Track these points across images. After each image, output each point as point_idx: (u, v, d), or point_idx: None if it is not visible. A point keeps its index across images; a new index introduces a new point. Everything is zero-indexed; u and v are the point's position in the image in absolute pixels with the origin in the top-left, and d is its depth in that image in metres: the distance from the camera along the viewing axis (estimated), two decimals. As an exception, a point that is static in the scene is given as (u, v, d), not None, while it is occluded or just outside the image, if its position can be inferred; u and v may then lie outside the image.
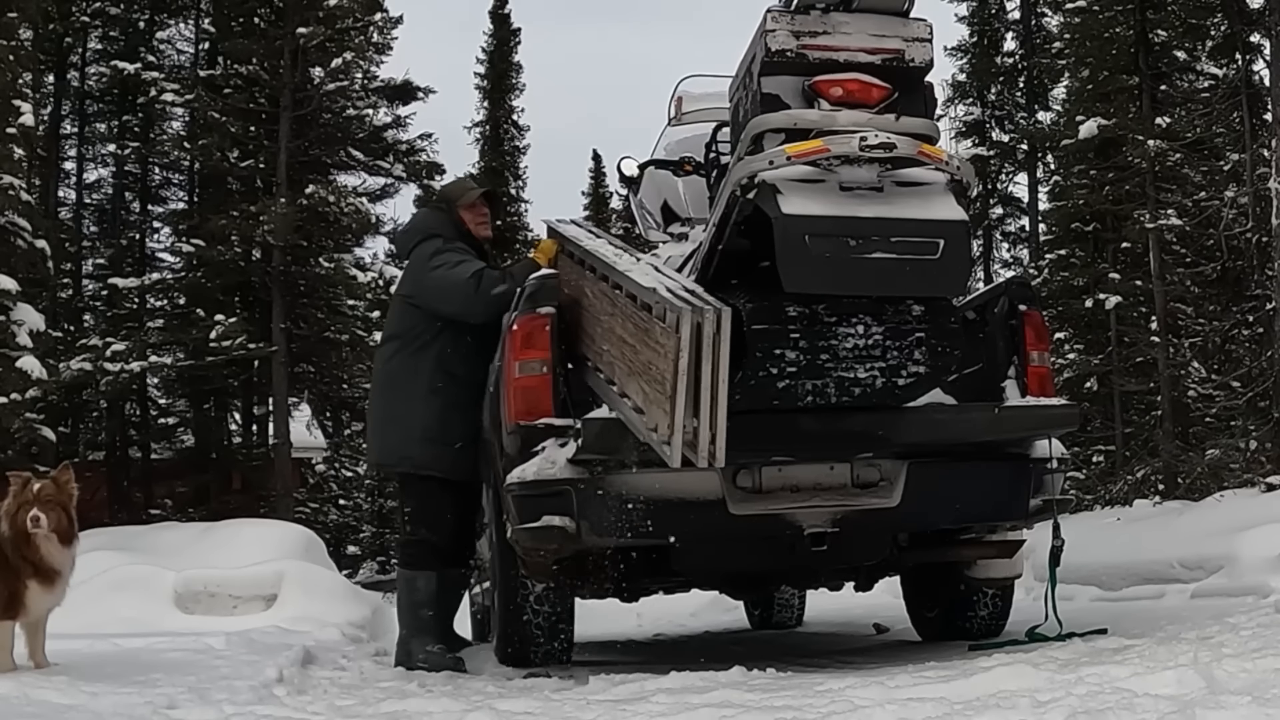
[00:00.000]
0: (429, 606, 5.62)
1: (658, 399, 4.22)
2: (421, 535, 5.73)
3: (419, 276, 5.64)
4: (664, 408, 4.16)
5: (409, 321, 5.72)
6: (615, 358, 4.61)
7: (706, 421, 4.15)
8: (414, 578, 5.69)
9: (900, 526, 5.17)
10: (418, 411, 5.58)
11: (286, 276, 16.98)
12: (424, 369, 5.57)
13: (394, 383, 5.71)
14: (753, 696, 3.62)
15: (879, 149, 4.33)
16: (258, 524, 10.58)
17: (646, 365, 4.32)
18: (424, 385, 5.56)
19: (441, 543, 5.64)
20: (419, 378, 5.57)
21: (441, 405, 5.54)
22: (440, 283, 5.50)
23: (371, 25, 18.19)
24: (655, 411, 4.26)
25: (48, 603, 4.26)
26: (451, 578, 5.79)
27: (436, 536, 5.64)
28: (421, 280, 5.62)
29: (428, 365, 5.57)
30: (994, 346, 5.17)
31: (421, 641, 5.56)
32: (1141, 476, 14.97)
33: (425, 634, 5.57)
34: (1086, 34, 17.16)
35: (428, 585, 5.62)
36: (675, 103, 6.99)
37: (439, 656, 5.47)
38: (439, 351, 5.59)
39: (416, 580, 5.66)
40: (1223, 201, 13.94)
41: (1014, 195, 22.27)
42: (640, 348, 4.38)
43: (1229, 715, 2.72)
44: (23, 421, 12.19)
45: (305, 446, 20.19)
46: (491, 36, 29.80)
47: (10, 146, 12.80)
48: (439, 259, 5.54)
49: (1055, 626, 4.86)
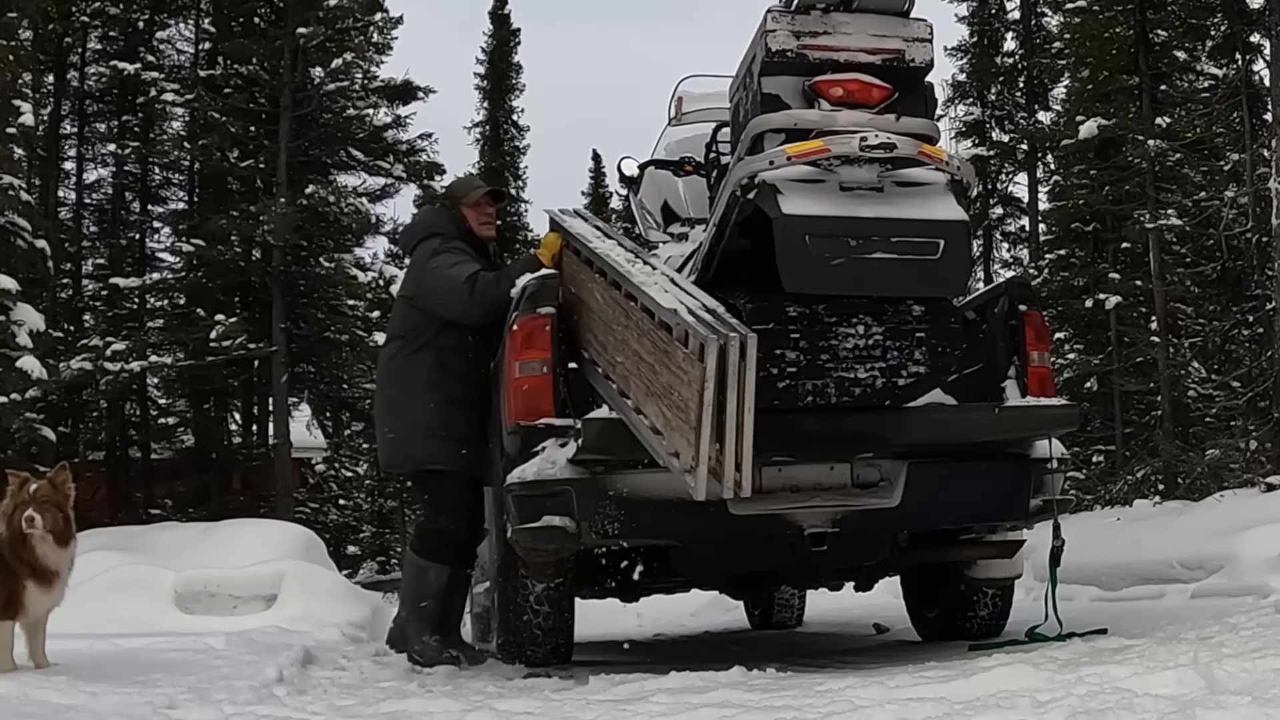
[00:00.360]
0: (433, 600, 5.54)
1: (680, 426, 4.15)
2: (441, 525, 5.62)
3: (419, 277, 5.62)
4: (687, 437, 4.10)
5: (411, 321, 5.68)
6: (630, 372, 4.55)
7: (732, 451, 4.06)
8: (426, 568, 5.58)
9: (900, 526, 5.17)
10: (418, 409, 5.52)
11: (286, 276, 16.98)
12: (423, 367, 5.52)
13: (395, 382, 5.68)
14: (753, 696, 3.62)
15: (879, 149, 4.34)
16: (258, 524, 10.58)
17: (667, 388, 4.25)
18: (423, 382, 5.50)
19: (459, 535, 5.57)
20: (419, 376, 5.52)
21: (443, 402, 5.48)
22: (437, 284, 5.47)
23: (371, 25, 18.18)
24: (677, 439, 4.19)
25: (46, 603, 4.27)
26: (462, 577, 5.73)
27: (455, 527, 5.55)
28: (420, 281, 5.60)
29: (427, 363, 5.53)
30: (994, 346, 5.17)
31: (419, 629, 5.49)
32: (1141, 476, 14.96)
33: (423, 623, 5.50)
34: (1086, 34, 17.16)
35: (438, 578, 5.54)
36: (675, 103, 7.00)
37: (435, 651, 5.40)
38: (439, 349, 5.54)
39: (428, 571, 5.56)
40: (1223, 201, 13.94)
41: (1014, 195, 22.30)
42: (660, 369, 4.31)
43: (1229, 715, 2.72)
44: (23, 421, 12.19)
45: (305, 446, 20.19)
46: (491, 36, 29.81)
47: (10, 146, 12.80)
48: (435, 260, 5.50)
49: (1055, 626, 4.86)
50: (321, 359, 18.51)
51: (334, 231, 17.50)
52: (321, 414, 19.75)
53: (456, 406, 5.47)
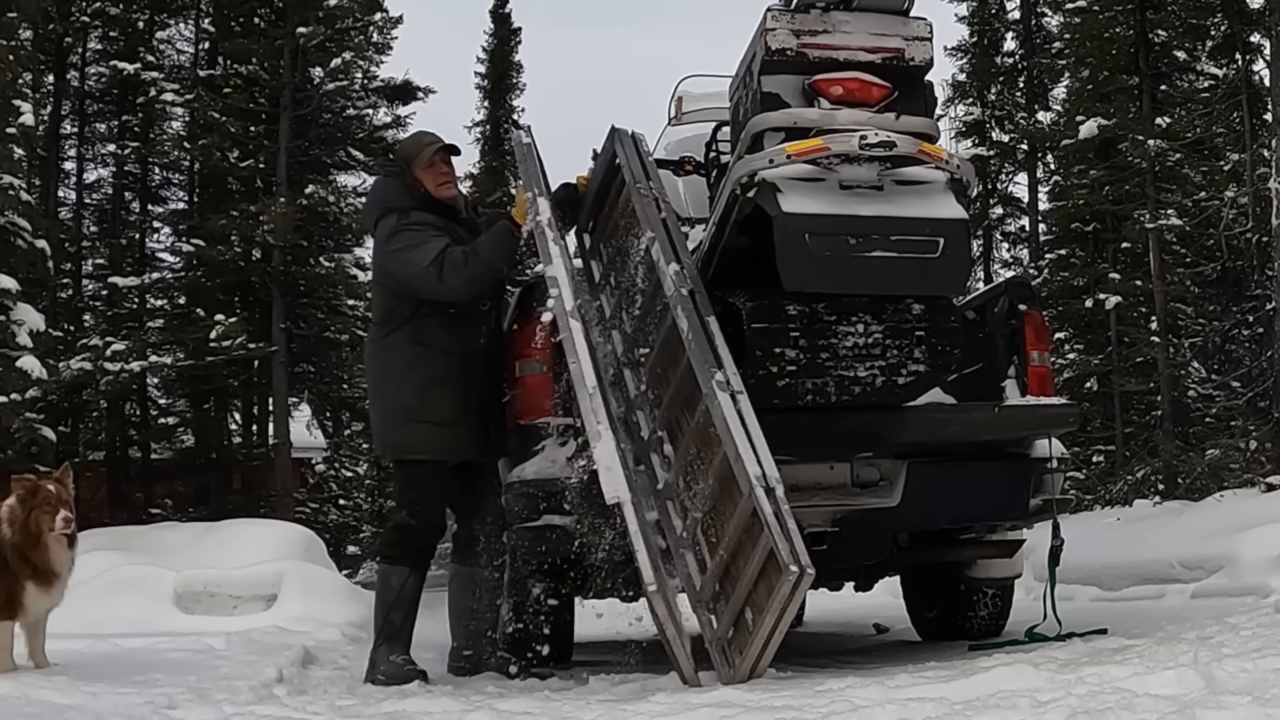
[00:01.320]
0: (402, 608, 5.01)
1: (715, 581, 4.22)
2: (403, 520, 5.14)
3: (382, 261, 5.15)
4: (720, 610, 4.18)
5: (389, 303, 5.16)
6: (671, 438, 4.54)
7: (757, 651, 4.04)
8: (388, 573, 5.08)
9: (900, 526, 5.16)
10: (394, 390, 5.07)
11: (286, 276, 16.96)
12: (402, 346, 5.05)
13: (377, 366, 5.24)
14: (753, 696, 3.61)
15: (879, 147, 4.33)
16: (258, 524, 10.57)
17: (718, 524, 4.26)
18: (401, 362, 5.04)
19: (421, 535, 5.06)
20: (398, 356, 5.05)
21: (421, 382, 4.99)
22: (402, 270, 4.99)
23: (371, 25, 18.19)
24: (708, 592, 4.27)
25: (46, 603, 4.28)
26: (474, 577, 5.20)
27: (418, 524, 5.05)
28: (385, 265, 5.13)
29: (405, 341, 5.05)
30: (994, 346, 5.17)
31: (387, 651, 4.95)
32: (1141, 476, 14.96)
33: (394, 643, 4.97)
34: (1086, 34, 17.16)
35: (400, 582, 5.01)
36: (675, 102, 7.00)
37: (398, 668, 4.89)
38: (414, 326, 5.06)
39: (390, 576, 5.06)
40: (1223, 201, 13.94)
41: (1014, 195, 22.31)
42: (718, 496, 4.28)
43: (1229, 715, 2.72)
44: (23, 421, 12.17)
45: (305, 446, 20.16)
46: (492, 36, 29.79)
47: (10, 146, 12.79)
48: (395, 240, 5.01)
49: (1055, 626, 4.86)
50: (321, 359, 18.50)
51: (334, 231, 17.49)
52: (321, 414, 19.74)
53: (437, 386, 4.97)
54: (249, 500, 17.35)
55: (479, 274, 4.90)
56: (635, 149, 5.18)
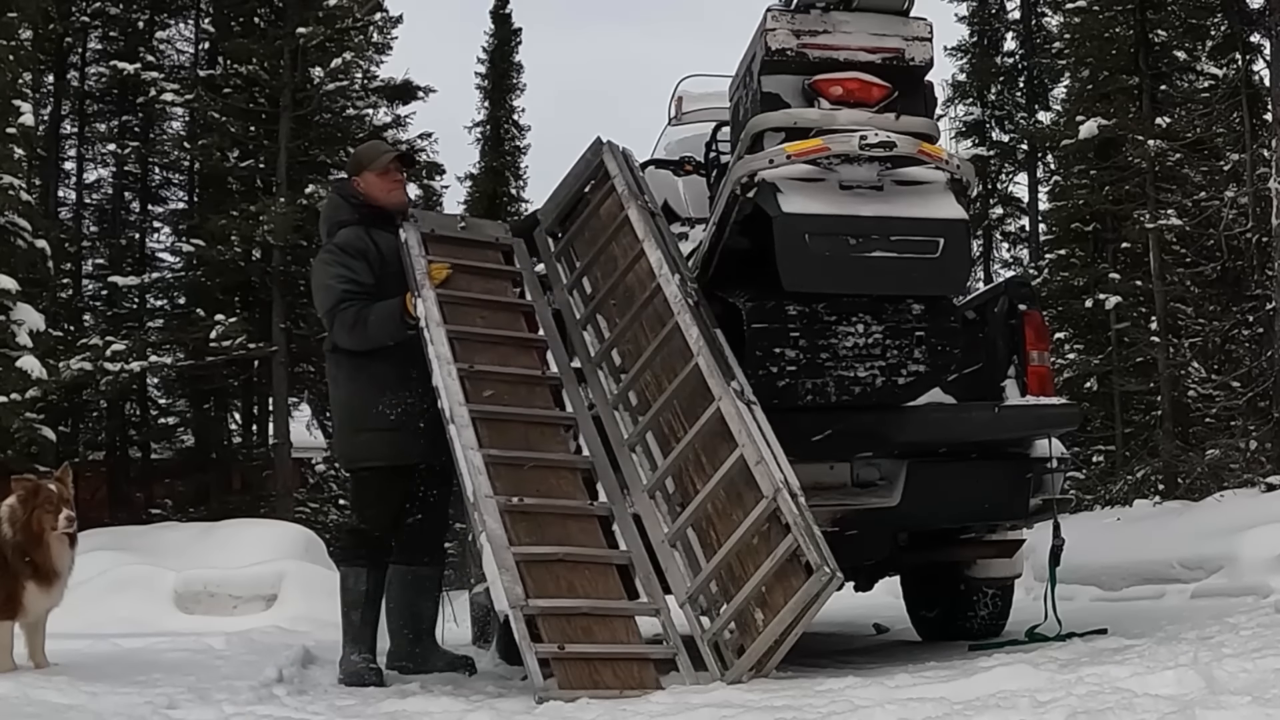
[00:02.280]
0: (360, 608, 5.03)
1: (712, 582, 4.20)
2: (355, 524, 5.23)
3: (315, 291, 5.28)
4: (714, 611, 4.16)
5: None
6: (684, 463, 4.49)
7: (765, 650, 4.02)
8: (345, 575, 5.12)
9: (900, 526, 5.16)
10: (342, 400, 5.14)
11: (286, 276, 16.98)
12: (342, 354, 5.07)
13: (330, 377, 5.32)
14: (753, 696, 3.61)
15: (879, 148, 4.34)
16: (258, 524, 10.60)
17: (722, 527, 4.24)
18: (346, 373, 5.08)
19: (375, 534, 5.08)
20: (341, 365, 5.09)
21: (364, 388, 5.00)
22: (316, 299, 5.17)
23: (371, 25, 18.19)
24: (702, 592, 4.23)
25: (46, 603, 4.28)
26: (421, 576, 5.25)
27: (368, 525, 5.09)
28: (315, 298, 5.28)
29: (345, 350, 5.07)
30: (994, 346, 5.17)
31: (350, 651, 4.99)
32: (1141, 476, 14.98)
33: (357, 643, 5.00)
34: (1086, 34, 17.17)
35: (357, 584, 5.04)
36: (675, 102, 7.00)
37: (354, 666, 4.90)
38: None
39: (348, 578, 5.10)
40: (1223, 201, 13.94)
41: (1014, 195, 22.30)
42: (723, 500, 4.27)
43: (1229, 715, 2.71)
44: (23, 421, 12.19)
45: (305, 446, 20.14)
46: (492, 36, 29.80)
47: (10, 146, 12.80)
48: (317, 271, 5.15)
49: (1055, 626, 4.86)
50: (321, 359, 18.46)
51: (334, 231, 17.48)
52: (321, 414, 19.71)
53: (378, 393, 4.97)
54: (249, 500, 17.36)
55: (361, 342, 4.95)
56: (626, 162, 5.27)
